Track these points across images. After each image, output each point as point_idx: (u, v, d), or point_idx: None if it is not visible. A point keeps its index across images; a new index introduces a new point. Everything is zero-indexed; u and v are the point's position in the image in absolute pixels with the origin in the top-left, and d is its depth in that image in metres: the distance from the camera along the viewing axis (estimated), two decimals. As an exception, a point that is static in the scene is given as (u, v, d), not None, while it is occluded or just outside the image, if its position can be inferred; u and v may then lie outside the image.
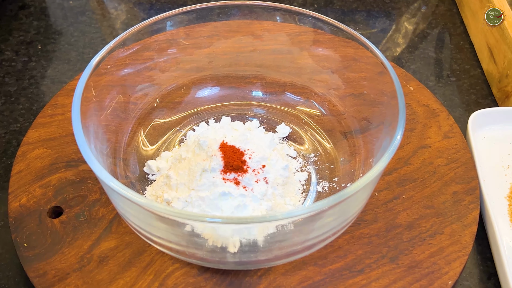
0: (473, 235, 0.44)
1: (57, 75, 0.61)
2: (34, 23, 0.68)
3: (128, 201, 0.35)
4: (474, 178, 0.48)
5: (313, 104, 0.53)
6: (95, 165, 0.35)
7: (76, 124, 0.38)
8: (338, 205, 0.35)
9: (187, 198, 0.41)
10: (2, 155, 0.53)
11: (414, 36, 0.70)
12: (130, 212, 0.37)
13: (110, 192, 0.37)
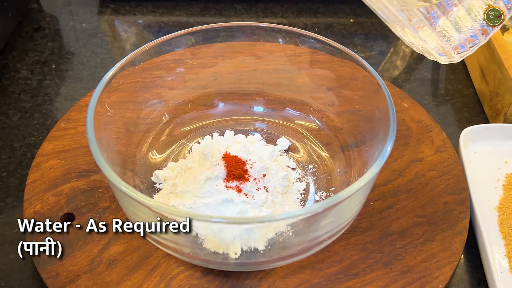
0: (463, 242, 0.46)
1: (70, 93, 0.64)
2: (49, 44, 0.72)
3: (138, 204, 0.37)
4: (465, 190, 0.50)
5: (312, 119, 0.55)
6: (108, 171, 0.38)
7: (90, 132, 0.41)
8: (333, 208, 0.37)
9: (192, 204, 0.44)
10: (18, 167, 0.56)
11: (411, 59, 0.73)
12: (139, 215, 0.40)
13: (121, 196, 0.40)
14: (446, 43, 0.42)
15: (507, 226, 0.49)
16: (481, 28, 0.44)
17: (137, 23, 0.77)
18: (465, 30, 0.39)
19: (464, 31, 0.39)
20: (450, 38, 0.42)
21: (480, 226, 0.47)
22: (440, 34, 0.45)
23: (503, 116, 0.58)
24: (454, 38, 0.39)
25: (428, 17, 0.41)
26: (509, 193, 0.52)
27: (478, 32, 0.42)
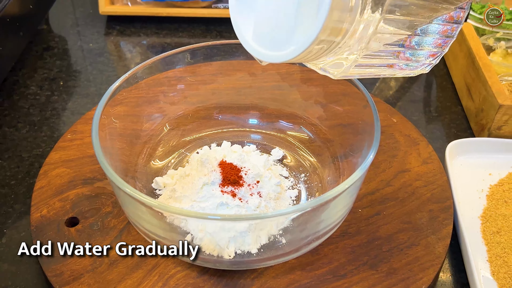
0: (446, 247, 0.48)
1: (77, 108, 0.68)
2: (57, 62, 0.76)
3: (139, 204, 0.40)
4: (449, 198, 0.53)
5: (304, 131, 0.58)
6: (112, 173, 0.41)
7: (95, 137, 0.44)
8: (321, 208, 0.40)
9: (190, 208, 0.47)
10: (26, 175, 0.59)
11: (404, 79, 0.77)
12: (141, 216, 0.43)
13: (124, 198, 0.43)
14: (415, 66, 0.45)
15: (489, 233, 0.51)
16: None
17: (141, 43, 0.81)
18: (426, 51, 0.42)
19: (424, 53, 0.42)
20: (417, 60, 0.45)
21: (463, 233, 0.50)
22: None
23: (487, 130, 0.61)
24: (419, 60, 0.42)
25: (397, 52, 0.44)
26: (492, 203, 0.55)
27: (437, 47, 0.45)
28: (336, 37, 0.34)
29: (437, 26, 0.38)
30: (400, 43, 0.37)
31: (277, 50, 0.36)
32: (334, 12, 0.32)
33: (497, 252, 0.50)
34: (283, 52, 0.35)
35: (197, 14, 0.83)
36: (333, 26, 0.33)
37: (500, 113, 0.59)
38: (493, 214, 0.53)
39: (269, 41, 0.37)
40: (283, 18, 0.35)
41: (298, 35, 0.34)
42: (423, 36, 0.38)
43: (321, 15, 0.31)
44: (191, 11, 0.82)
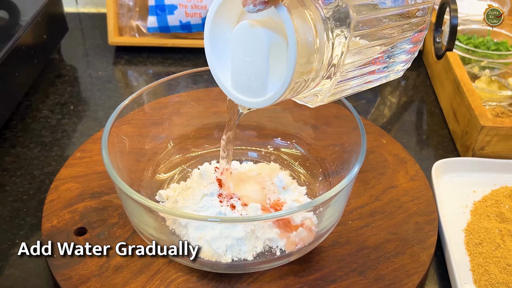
0: (430, 256, 0.52)
1: (86, 130, 0.72)
2: (68, 88, 0.80)
3: (144, 210, 0.44)
4: (434, 212, 0.56)
5: (299, 149, 0.62)
6: (121, 183, 0.45)
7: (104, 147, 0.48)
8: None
9: (190, 216, 0.50)
10: (37, 191, 0.62)
11: (397, 106, 0.81)
12: (145, 222, 0.46)
13: (131, 205, 0.47)
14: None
15: (472, 245, 0.55)
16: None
17: (147, 72, 0.86)
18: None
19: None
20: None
21: (448, 244, 0.53)
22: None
23: (471, 151, 0.65)
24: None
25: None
26: (475, 217, 0.58)
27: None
28: (309, 75, 0.38)
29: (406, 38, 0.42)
30: (371, 59, 0.42)
31: (256, 97, 0.40)
32: (302, 59, 0.36)
33: (479, 261, 0.53)
34: (262, 99, 0.39)
35: (200, 45, 0.88)
36: (303, 70, 0.37)
37: (482, 134, 0.63)
38: (476, 227, 0.56)
39: (247, 89, 0.41)
40: (257, 68, 0.39)
41: (273, 82, 0.38)
42: (393, 49, 0.42)
43: (290, 63, 0.36)
44: (195, 42, 0.88)
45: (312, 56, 0.37)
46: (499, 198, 0.59)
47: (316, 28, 0.37)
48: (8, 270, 0.54)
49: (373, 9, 0.39)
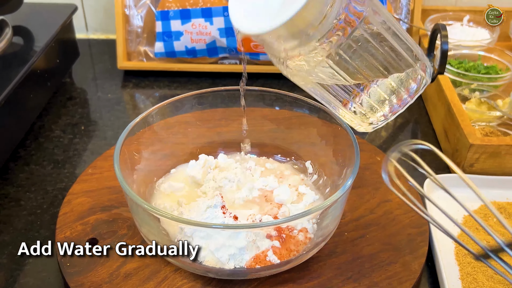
0: (421, 264, 0.55)
1: (96, 148, 0.76)
2: (79, 110, 0.84)
3: (152, 217, 0.47)
4: (425, 224, 0.59)
5: (300, 166, 0.66)
6: (132, 194, 0.49)
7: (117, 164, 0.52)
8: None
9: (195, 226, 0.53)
10: (50, 206, 0.66)
11: (394, 128, 0.85)
12: (153, 232, 0.50)
13: (141, 214, 0.50)
14: (360, 120, 0.53)
15: (461, 255, 0.58)
16: (388, 111, 0.55)
17: (154, 95, 0.90)
18: (377, 112, 0.51)
19: (376, 113, 0.51)
20: (365, 116, 0.53)
21: (438, 255, 0.56)
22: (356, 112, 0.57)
23: (461, 168, 0.68)
24: (369, 116, 0.51)
25: (343, 99, 0.53)
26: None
27: (388, 112, 0.54)
28: (308, 28, 0.42)
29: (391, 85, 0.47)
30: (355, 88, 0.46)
31: (257, 23, 0.44)
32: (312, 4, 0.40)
33: (468, 270, 0.56)
34: (262, 25, 0.44)
35: (205, 69, 0.92)
36: (307, 16, 0.41)
37: (471, 151, 0.66)
38: (466, 239, 0.59)
39: (252, 17, 0.45)
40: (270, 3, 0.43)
41: (278, 15, 0.42)
42: (377, 86, 0.47)
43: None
44: (200, 67, 0.92)
45: (323, 8, 0.41)
46: (487, 212, 0.63)
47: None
48: (23, 279, 0.57)
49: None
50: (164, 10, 0.87)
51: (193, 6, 0.87)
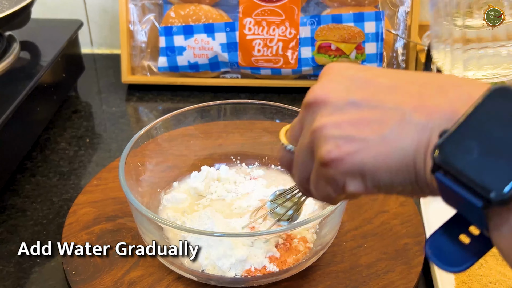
0: (417, 273, 0.56)
1: (101, 160, 0.78)
2: (84, 123, 0.86)
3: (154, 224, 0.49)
4: (422, 234, 0.61)
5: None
6: (138, 205, 0.51)
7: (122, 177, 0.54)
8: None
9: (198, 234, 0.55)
10: (56, 216, 0.68)
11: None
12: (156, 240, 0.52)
13: (146, 223, 0.52)
14: None
15: (457, 264, 0.59)
16: None
17: (157, 108, 0.92)
18: None
19: None
20: None
21: (434, 265, 0.58)
22: None
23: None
24: None
25: None
26: (461, 240, 0.63)
27: None
28: None
29: None
30: None
31: None
32: None
33: (463, 279, 0.57)
34: None
35: (207, 83, 0.94)
36: None
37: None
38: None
39: None
40: None
41: None
42: None
43: None
44: (202, 81, 0.94)
45: None
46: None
47: None
48: (30, 287, 0.58)
49: None
50: (168, 25, 0.90)
51: (195, 22, 0.89)
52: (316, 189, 0.36)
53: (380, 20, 0.88)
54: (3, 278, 0.59)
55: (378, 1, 0.89)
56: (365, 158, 0.31)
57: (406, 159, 0.30)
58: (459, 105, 0.29)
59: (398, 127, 0.30)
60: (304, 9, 0.90)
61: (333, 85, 0.34)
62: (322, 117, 0.33)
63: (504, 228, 0.27)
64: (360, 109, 0.32)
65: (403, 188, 0.32)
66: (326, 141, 0.33)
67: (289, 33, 0.88)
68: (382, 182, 0.32)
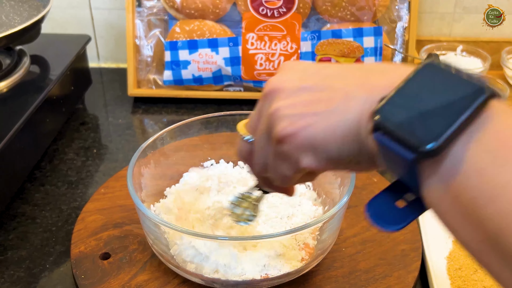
0: (414, 278, 0.58)
1: (107, 170, 0.80)
2: (91, 134, 0.89)
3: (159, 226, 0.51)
4: (418, 241, 0.63)
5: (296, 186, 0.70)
6: (146, 210, 0.53)
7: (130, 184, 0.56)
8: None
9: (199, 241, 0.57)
10: (64, 223, 0.70)
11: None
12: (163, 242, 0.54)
13: (151, 225, 0.54)
14: None
15: (453, 270, 0.61)
16: None
17: (162, 120, 0.95)
18: None
19: None
20: None
21: (430, 268, 0.60)
22: None
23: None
24: None
25: None
26: (457, 247, 0.65)
27: None
28: None
29: None
30: None
31: None
32: None
33: (458, 284, 0.59)
34: None
35: (210, 96, 0.97)
36: None
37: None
38: (457, 255, 0.63)
39: None
40: None
41: None
42: None
43: None
44: (206, 93, 0.97)
45: None
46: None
47: None
48: (40, 291, 0.61)
49: None
50: (173, 40, 0.93)
51: (200, 37, 0.92)
52: (273, 171, 0.40)
53: (379, 35, 0.90)
54: (14, 283, 0.61)
55: (377, 17, 0.92)
56: (315, 132, 0.35)
57: (351, 129, 0.34)
58: (396, 80, 0.33)
59: (343, 102, 0.35)
60: (305, 25, 0.93)
61: (287, 76, 0.39)
62: (277, 101, 0.38)
63: (432, 179, 0.31)
64: (311, 92, 0.37)
65: (351, 159, 0.35)
66: (281, 120, 0.37)
67: (290, 47, 0.91)
68: (332, 154, 0.35)
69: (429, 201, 0.32)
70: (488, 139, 0.29)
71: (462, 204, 0.29)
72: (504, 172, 0.27)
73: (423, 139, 0.30)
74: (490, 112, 0.30)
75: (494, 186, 0.28)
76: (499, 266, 0.29)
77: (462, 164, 0.29)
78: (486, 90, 0.30)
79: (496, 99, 0.30)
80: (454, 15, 1.04)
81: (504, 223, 0.27)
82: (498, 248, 0.28)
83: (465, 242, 0.31)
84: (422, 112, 0.30)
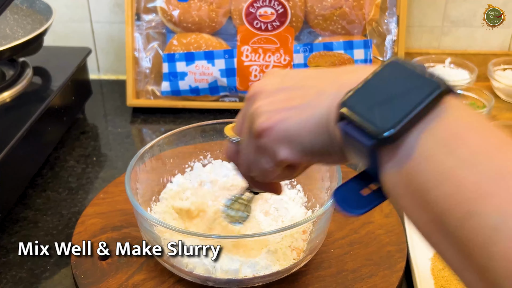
0: (399, 277, 0.61)
1: (107, 177, 0.83)
2: (91, 143, 0.92)
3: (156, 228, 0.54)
4: (403, 243, 0.66)
5: (289, 187, 0.73)
6: (143, 211, 0.56)
7: (128, 187, 0.59)
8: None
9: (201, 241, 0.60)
10: (65, 227, 0.73)
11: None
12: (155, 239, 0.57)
13: (146, 226, 0.57)
14: None
15: (437, 270, 0.64)
16: None
17: (160, 130, 0.98)
18: None
19: None
20: None
21: (414, 269, 0.62)
22: None
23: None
24: None
25: None
26: (441, 249, 0.67)
27: None
28: None
29: None
30: None
31: None
32: None
33: (442, 283, 0.62)
34: None
35: (207, 106, 1.00)
36: None
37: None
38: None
39: None
40: None
41: None
42: None
43: None
44: (202, 104, 1.00)
45: None
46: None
47: None
48: (41, 290, 0.63)
49: None
50: (171, 53, 0.96)
51: (196, 49, 0.95)
52: (255, 167, 0.44)
53: (369, 48, 0.94)
54: (16, 283, 0.64)
55: (367, 30, 0.95)
56: (289, 125, 0.39)
57: (322, 121, 0.37)
58: (364, 77, 0.36)
59: (315, 98, 0.38)
60: (298, 38, 0.97)
61: (269, 80, 0.43)
62: (258, 101, 0.41)
63: (389, 165, 0.34)
64: (289, 91, 0.40)
65: (324, 151, 0.38)
66: (260, 115, 0.40)
67: (283, 59, 0.94)
68: (306, 146, 0.39)
69: (387, 186, 0.35)
70: (440, 129, 0.32)
71: (413, 188, 0.32)
72: (450, 160, 0.30)
73: (381, 127, 0.33)
74: (444, 106, 0.33)
75: (440, 172, 0.31)
76: (444, 245, 0.31)
77: (415, 151, 0.32)
78: (442, 86, 0.33)
79: (453, 96, 0.33)
80: (442, 29, 1.08)
81: (447, 205, 0.30)
82: (443, 228, 0.31)
83: (417, 224, 0.34)
84: (382, 103, 0.34)
